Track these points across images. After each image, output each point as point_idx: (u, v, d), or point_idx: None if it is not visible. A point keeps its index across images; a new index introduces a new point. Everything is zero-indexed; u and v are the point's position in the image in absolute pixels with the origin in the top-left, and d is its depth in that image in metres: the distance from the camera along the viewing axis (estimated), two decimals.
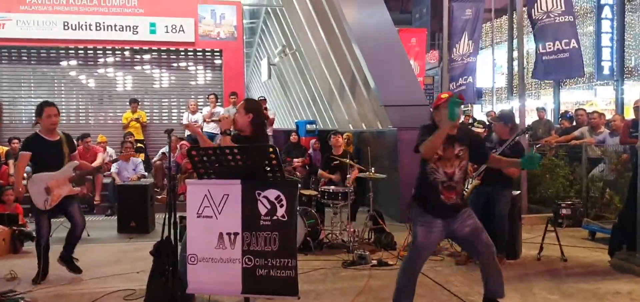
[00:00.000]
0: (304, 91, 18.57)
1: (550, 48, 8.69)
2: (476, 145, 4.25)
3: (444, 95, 4.05)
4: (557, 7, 8.52)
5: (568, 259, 6.39)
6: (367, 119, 12.44)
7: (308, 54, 16.03)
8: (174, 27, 13.52)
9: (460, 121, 4.82)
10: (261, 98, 13.25)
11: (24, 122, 13.34)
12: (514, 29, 20.67)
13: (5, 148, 10.90)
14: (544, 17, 8.67)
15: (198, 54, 14.20)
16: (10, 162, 10.50)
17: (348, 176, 7.43)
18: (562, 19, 8.55)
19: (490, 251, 4.14)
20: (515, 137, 6.14)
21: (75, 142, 6.25)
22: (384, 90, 10.16)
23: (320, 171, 8.59)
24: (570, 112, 14.20)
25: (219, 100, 13.13)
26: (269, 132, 12.46)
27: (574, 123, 10.72)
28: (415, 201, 4.24)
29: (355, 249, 6.66)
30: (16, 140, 11.20)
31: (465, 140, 4.10)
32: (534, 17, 8.83)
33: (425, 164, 4.11)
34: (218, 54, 14.15)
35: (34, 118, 13.18)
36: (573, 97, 23.04)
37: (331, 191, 7.43)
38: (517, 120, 13.13)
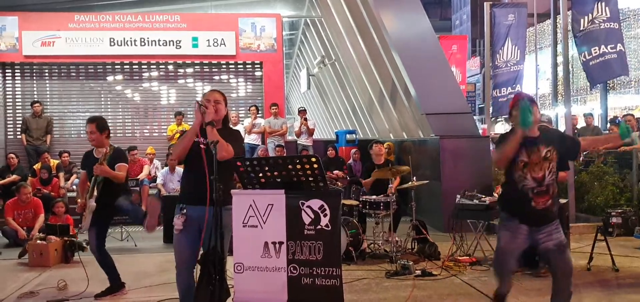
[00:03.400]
0: (344, 101, 18.59)
1: (596, 52, 8.66)
2: (563, 142, 4.01)
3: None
4: (601, 13, 8.49)
5: (620, 270, 6.18)
6: (408, 128, 12.34)
7: (347, 64, 16.06)
8: (215, 40, 13.78)
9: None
10: (301, 109, 13.34)
11: (73, 136, 13.79)
12: (558, 34, 20.10)
13: (56, 161, 11.29)
14: (589, 25, 8.63)
15: (239, 66, 14.42)
16: (61, 174, 10.89)
17: (390, 185, 7.39)
18: (607, 25, 8.58)
19: (567, 272, 3.92)
20: None
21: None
22: (425, 98, 10.06)
23: (364, 182, 8.53)
24: (619, 118, 13.77)
25: (259, 112, 13.27)
26: (309, 142, 12.52)
27: None
28: (500, 206, 4.12)
29: (398, 259, 6.61)
30: (66, 154, 11.63)
31: (551, 141, 3.90)
32: (581, 28, 8.81)
33: (512, 173, 3.91)
34: (258, 66, 14.33)
35: (82, 132, 13.79)
36: (621, 102, 22.36)
37: (373, 200, 7.40)
38: (563, 127, 12.90)
